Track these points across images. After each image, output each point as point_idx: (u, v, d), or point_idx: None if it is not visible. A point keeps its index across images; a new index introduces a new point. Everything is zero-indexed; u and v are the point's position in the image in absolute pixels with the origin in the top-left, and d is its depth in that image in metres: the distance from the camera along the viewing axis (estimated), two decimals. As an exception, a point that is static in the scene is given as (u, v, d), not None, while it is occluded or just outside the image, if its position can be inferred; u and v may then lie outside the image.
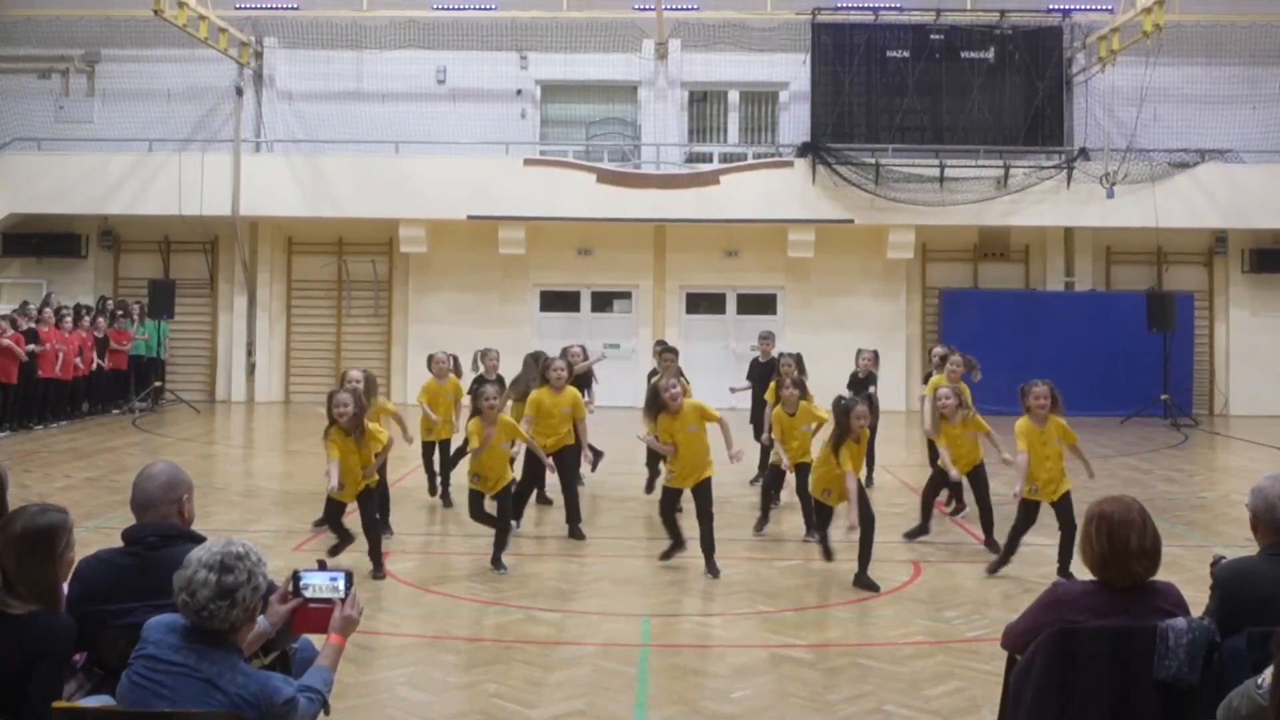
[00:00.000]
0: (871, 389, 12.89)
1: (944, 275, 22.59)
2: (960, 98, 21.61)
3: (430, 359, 11.75)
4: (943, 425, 9.56)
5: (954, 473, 9.41)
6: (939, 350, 12.10)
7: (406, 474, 12.51)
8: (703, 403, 8.82)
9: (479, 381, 11.34)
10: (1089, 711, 3.91)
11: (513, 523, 9.44)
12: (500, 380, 11.56)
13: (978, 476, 9.62)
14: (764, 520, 10.25)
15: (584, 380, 12.20)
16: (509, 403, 10.55)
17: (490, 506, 8.84)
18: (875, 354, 13.17)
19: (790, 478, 10.12)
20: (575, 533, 9.90)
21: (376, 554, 8.44)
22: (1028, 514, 8.44)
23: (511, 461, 8.97)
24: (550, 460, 9.45)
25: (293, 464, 14.58)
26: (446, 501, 11.41)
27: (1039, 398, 8.41)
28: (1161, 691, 3.87)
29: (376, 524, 8.63)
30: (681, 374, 11.57)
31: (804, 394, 9.98)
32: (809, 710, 5.79)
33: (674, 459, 8.69)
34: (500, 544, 8.76)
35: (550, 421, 9.88)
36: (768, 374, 12.08)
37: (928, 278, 22.59)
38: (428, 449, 11.59)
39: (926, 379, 12.49)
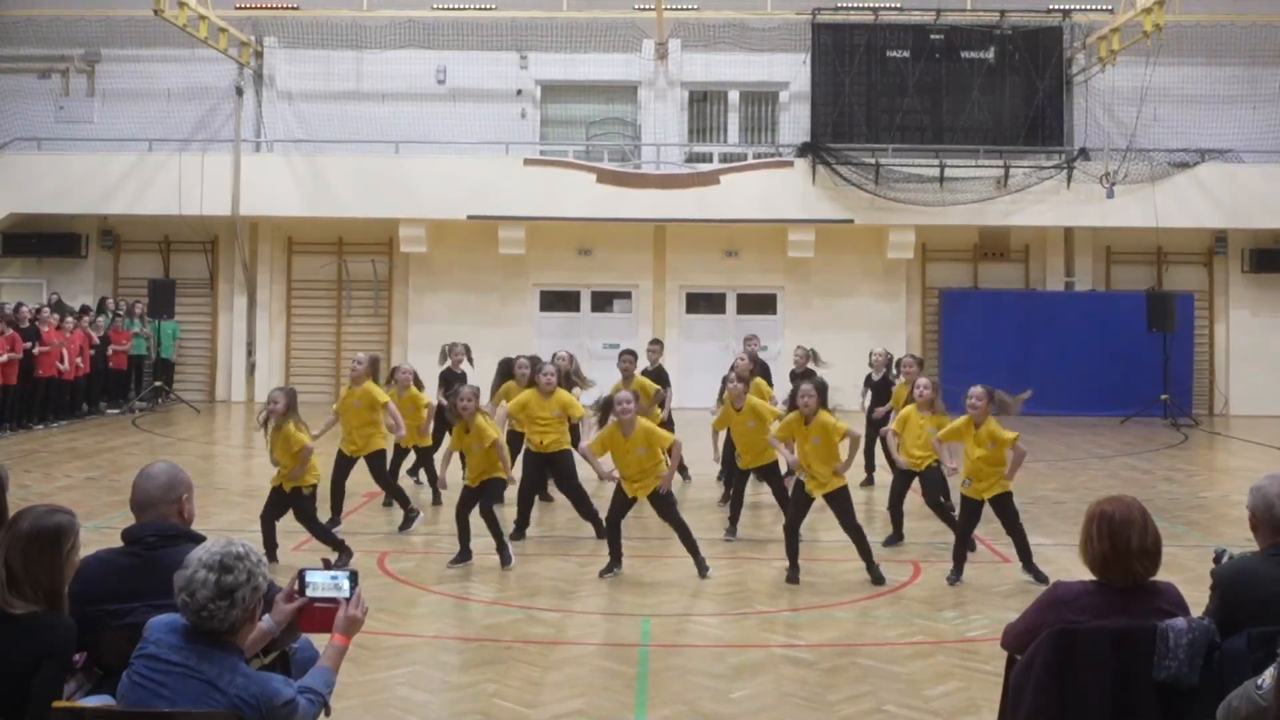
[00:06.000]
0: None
1: (944, 275, 22.59)
2: (960, 98, 21.60)
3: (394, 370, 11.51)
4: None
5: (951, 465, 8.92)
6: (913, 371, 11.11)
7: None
8: (653, 427, 8.64)
9: (448, 374, 11.71)
10: (1089, 711, 3.90)
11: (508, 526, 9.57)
12: (464, 376, 11.73)
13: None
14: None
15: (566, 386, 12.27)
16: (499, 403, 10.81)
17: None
18: (811, 352, 12.91)
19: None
20: (600, 533, 9.63)
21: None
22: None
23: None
24: (510, 475, 9.16)
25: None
26: (437, 499, 11.46)
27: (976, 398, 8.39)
28: (1161, 692, 3.87)
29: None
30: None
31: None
32: (809, 710, 5.79)
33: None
34: (497, 537, 8.78)
35: (539, 425, 9.93)
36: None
37: (928, 278, 22.59)
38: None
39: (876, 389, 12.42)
